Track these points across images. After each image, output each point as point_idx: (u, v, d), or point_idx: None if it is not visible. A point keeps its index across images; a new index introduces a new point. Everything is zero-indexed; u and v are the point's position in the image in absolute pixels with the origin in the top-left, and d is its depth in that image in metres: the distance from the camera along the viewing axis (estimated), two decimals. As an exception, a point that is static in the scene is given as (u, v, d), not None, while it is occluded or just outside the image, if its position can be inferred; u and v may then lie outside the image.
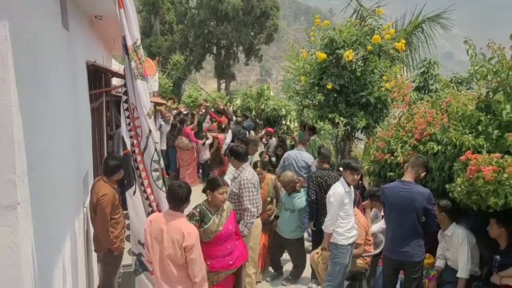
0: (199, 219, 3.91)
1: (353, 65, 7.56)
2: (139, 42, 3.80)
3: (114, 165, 4.26)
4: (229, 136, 9.96)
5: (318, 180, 5.67)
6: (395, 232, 4.31)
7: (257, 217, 4.73)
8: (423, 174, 4.36)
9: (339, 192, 4.61)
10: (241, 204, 4.60)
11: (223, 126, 11.49)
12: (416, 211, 4.18)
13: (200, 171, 11.33)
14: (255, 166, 5.83)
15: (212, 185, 3.98)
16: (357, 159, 5.31)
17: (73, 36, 3.87)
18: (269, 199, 5.80)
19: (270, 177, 5.90)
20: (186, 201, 3.48)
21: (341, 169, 5.19)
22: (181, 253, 3.32)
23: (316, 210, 5.63)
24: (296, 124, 13.45)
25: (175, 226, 3.36)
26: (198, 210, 3.95)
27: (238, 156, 4.79)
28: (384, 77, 7.30)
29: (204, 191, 4.07)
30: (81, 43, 4.49)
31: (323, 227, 4.76)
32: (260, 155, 7.92)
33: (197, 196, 4.11)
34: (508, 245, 3.90)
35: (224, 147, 9.82)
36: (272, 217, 5.92)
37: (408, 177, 4.29)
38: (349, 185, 4.72)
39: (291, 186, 5.58)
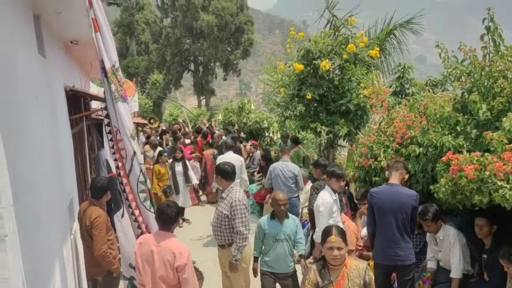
0: None
1: (331, 74, 7.69)
2: (117, 64, 3.80)
3: (101, 187, 4.22)
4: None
5: (318, 191, 5.69)
6: (387, 236, 4.34)
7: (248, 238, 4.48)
8: (406, 176, 4.44)
9: (328, 201, 4.63)
10: (232, 227, 4.37)
11: (211, 142, 11.43)
12: (405, 212, 4.24)
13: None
14: None
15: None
16: (340, 166, 5.37)
17: (50, 63, 3.84)
18: None
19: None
20: (176, 221, 3.46)
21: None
22: (173, 274, 3.29)
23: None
24: (279, 136, 13.53)
25: (166, 247, 3.33)
26: None
27: (226, 175, 4.50)
28: (361, 84, 7.43)
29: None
30: (59, 69, 4.46)
31: (314, 237, 4.76)
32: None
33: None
34: (493, 244, 3.98)
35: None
36: None
37: (394, 180, 4.36)
38: (335, 192, 4.76)
39: (282, 209, 4.47)
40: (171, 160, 8.68)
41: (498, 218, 3.89)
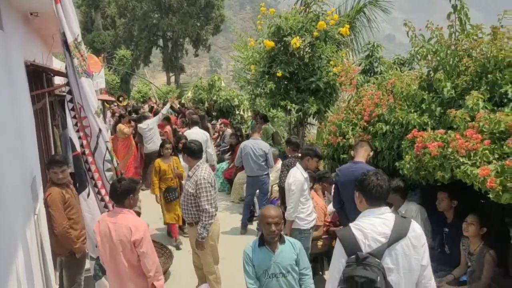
0: None
1: (301, 52, 7.67)
2: (80, 38, 3.64)
3: (51, 161, 4.11)
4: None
5: (289, 168, 5.74)
6: (351, 210, 4.43)
7: (215, 215, 4.47)
8: (371, 153, 4.53)
9: (299, 179, 4.68)
10: (198, 205, 4.35)
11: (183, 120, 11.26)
12: None
13: None
14: None
15: None
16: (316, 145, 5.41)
17: (8, 35, 3.63)
18: None
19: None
20: (127, 196, 3.39)
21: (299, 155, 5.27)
22: (130, 248, 3.29)
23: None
24: (249, 114, 13.50)
25: (121, 223, 3.32)
26: None
27: (192, 153, 4.47)
28: (331, 62, 7.46)
29: None
30: (18, 43, 4.23)
31: (286, 215, 4.81)
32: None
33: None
34: (454, 218, 4.14)
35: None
36: None
37: (359, 158, 4.43)
38: (306, 170, 4.81)
39: (273, 230, 3.17)
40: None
41: (459, 193, 4.04)
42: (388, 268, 2.41)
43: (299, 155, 6.03)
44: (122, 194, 3.37)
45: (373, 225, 2.49)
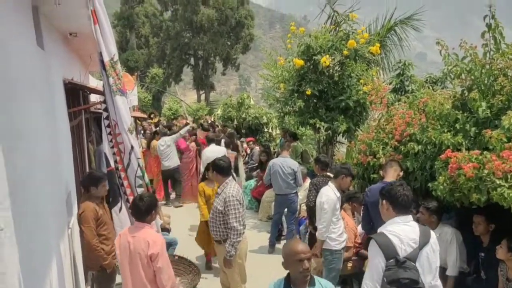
0: None
1: (331, 70, 7.66)
2: (116, 57, 3.78)
3: (91, 179, 4.20)
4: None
5: (317, 187, 5.70)
6: None
7: (243, 233, 4.46)
8: (401, 174, 4.44)
9: (332, 198, 4.64)
10: (226, 223, 4.34)
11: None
12: None
13: None
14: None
15: None
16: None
17: (48, 55, 3.81)
18: None
19: None
20: (149, 214, 3.47)
21: (331, 175, 5.23)
22: (147, 262, 3.34)
23: (315, 215, 5.63)
24: (278, 132, 13.51)
25: (140, 236, 3.39)
26: None
27: (221, 170, 4.48)
28: (361, 81, 7.41)
29: None
30: (57, 61, 4.43)
31: (317, 234, 4.75)
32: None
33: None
34: (490, 242, 3.98)
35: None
36: None
37: (389, 177, 4.36)
38: (339, 190, 4.77)
39: (305, 269, 2.60)
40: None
41: (496, 216, 3.89)
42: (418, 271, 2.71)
43: (328, 174, 5.97)
44: (146, 211, 3.45)
45: (405, 231, 2.79)
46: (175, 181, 10.02)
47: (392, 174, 4.37)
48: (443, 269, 4.31)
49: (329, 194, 4.67)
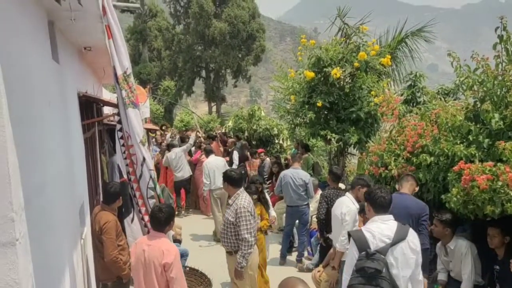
0: None
1: (341, 82, 7.67)
2: (129, 71, 3.84)
3: (114, 192, 4.28)
4: (235, 159, 10.05)
5: (328, 199, 5.69)
6: None
7: (254, 245, 4.50)
8: (417, 188, 4.41)
9: (353, 209, 4.64)
10: (237, 234, 4.36)
11: (229, 149, 11.58)
12: (411, 218, 4.19)
13: None
14: None
15: None
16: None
17: (63, 68, 3.90)
18: None
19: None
20: (167, 224, 3.56)
21: (342, 186, 5.22)
22: (161, 271, 3.37)
23: (326, 228, 5.61)
24: (289, 143, 13.50)
25: (155, 245, 3.44)
26: None
27: (233, 181, 4.50)
28: (372, 92, 7.40)
29: None
30: (72, 75, 4.52)
31: (338, 246, 4.70)
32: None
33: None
34: (506, 255, 3.91)
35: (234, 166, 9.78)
36: None
37: (405, 191, 4.33)
38: (358, 201, 4.76)
39: None
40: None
41: (511, 228, 3.83)
42: (390, 263, 3.11)
43: (339, 186, 5.95)
44: (165, 222, 3.52)
45: (380, 228, 3.23)
46: (187, 192, 10.11)
47: (408, 188, 4.35)
48: (458, 283, 4.25)
49: (349, 205, 4.67)
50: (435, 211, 4.52)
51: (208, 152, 8.89)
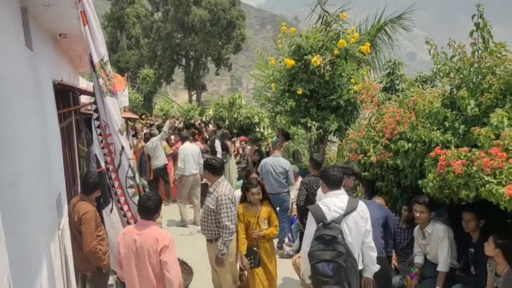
0: None
1: (322, 70, 7.70)
2: (106, 58, 3.75)
3: (93, 183, 4.23)
4: (218, 147, 10.02)
5: (308, 186, 5.73)
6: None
7: (235, 232, 4.49)
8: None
9: None
10: (218, 222, 4.38)
11: (207, 138, 11.55)
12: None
13: None
14: None
15: None
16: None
17: (37, 56, 3.79)
18: None
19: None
20: (155, 213, 3.57)
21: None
22: (156, 259, 3.35)
23: (305, 214, 5.66)
24: (270, 131, 13.54)
25: (148, 234, 3.43)
26: None
27: (213, 169, 4.50)
28: (352, 80, 7.45)
29: None
30: (47, 62, 4.40)
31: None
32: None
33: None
34: (480, 238, 4.02)
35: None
36: None
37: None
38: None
39: None
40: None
41: (485, 212, 3.93)
42: (344, 232, 3.51)
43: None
44: (155, 210, 3.53)
45: (333, 201, 3.63)
46: (164, 182, 10.09)
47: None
48: (434, 265, 4.36)
49: None
50: (412, 196, 4.62)
51: (184, 139, 8.94)
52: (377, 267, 3.78)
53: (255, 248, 4.72)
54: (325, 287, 3.43)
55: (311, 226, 3.57)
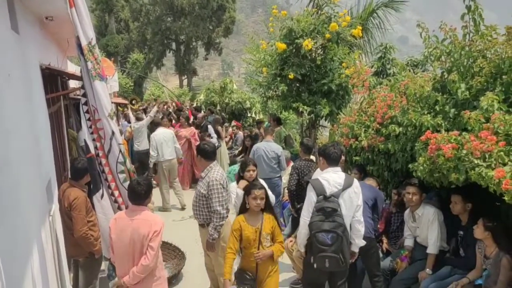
0: None
1: (313, 54, 7.65)
2: (94, 41, 3.69)
3: (82, 168, 4.20)
4: (212, 132, 9.93)
5: (299, 170, 5.74)
6: None
7: (226, 217, 4.48)
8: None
9: None
10: (209, 206, 4.38)
11: (198, 123, 11.44)
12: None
13: None
14: None
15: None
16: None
17: (24, 39, 3.70)
18: None
19: None
20: (147, 198, 3.55)
21: (313, 158, 5.29)
22: (147, 244, 3.39)
23: (297, 199, 5.69)
24: (261, 116, 13.51)
25: (141, 218, 3.43)
26: None
27: (205, 154, 4.48)
28: (343, 64, 7.43)
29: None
30: (33, 46, 4.30)
31: None
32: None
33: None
34: (469, 221, 4.08)
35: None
36: None
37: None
38: None
39: None
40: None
41: (475, 195, 3.98)
42: (340, 205, 3.76)
43: (310, 158, 6.01)
44: (145, 194, 3.51)
45: (332, 177, 3.85)
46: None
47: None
48: (424, 248, 4.43)
49: None
50: (403, 180, 4.66)
51: (155, 125, 8.90)
52: (363, 242, 3.98)
53: (250, 274, 3.80)
54: (321, 254, 3.70)
55: (311, 198, 3.80)
